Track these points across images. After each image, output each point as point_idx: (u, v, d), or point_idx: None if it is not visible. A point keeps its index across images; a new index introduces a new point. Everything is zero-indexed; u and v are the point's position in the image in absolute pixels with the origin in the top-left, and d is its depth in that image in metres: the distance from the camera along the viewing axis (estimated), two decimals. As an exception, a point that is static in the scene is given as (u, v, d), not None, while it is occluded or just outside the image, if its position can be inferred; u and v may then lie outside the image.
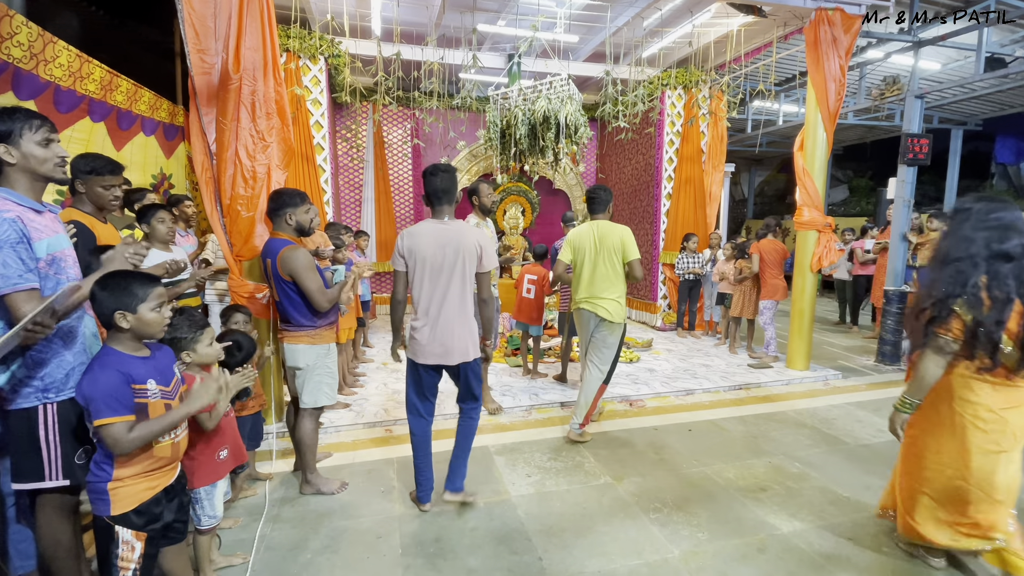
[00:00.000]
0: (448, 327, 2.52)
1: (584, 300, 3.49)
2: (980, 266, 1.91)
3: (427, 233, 2.51)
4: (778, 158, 14.98)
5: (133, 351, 1.62)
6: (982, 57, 5.49)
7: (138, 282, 1.60)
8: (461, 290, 2.54)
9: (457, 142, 7.56)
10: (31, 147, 1.66)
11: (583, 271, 3.50)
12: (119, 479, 1.57)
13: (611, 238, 3.42)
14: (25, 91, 3.16)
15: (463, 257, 2.50)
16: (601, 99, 5.74)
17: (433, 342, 2.52)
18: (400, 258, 2.55)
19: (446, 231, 2.52)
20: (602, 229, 3.45)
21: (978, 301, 1.88)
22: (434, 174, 2.57)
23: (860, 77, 7.53)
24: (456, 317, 2.53)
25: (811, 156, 4.87)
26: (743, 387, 4.74)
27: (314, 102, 5.66)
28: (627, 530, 2.56)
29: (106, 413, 1.49)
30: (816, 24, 4.59)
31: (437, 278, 2.50)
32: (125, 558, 1.59)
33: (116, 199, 2.35)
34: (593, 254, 3.45)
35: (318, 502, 2.78)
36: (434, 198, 2.58)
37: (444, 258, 2.49)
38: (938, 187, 11.06)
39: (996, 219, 1.94)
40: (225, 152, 3.07)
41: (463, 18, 5.29)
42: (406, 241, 2.53)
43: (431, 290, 2.51)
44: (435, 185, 2.56)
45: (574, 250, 3.55)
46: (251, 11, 3.03)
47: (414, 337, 2.57)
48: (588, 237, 3.48)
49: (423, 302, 2.53)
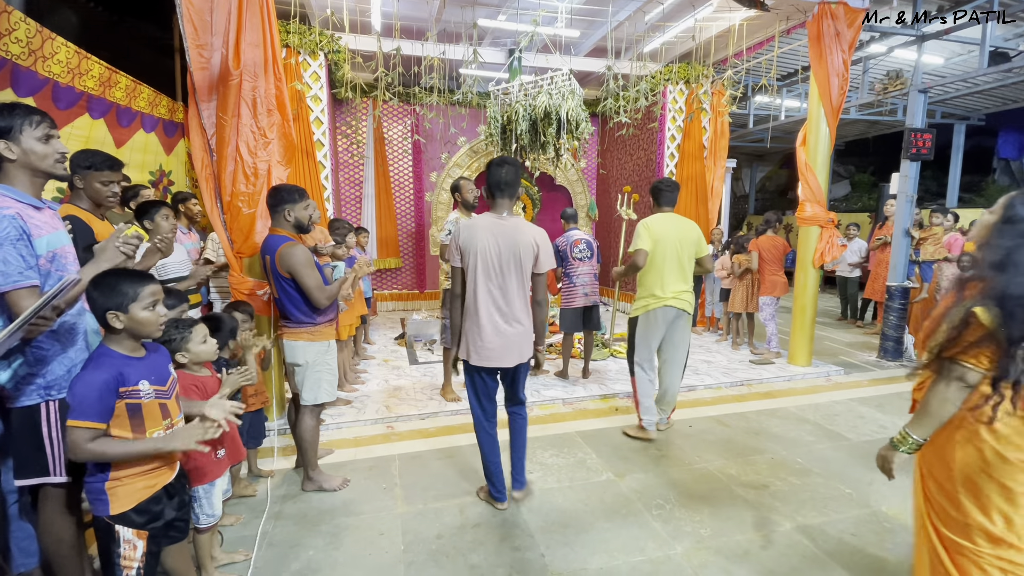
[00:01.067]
0: (507, 327, 2.46)
1: (671, 296, 3.32)
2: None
3: (485, 227, 2.43)
4: (780, 153, 14.93)
5: (129, 351, 1.59)
6: (986, 51, 5.45)
7: (129, 281, 1.56)
8: (519, 288, 2.47)
9: (458, 138, 7.54)
10: (31, 143, 1.64)
11: (665, 265, 3.31)
12: (116, 478, 1.56)
13: (692, 231, 3.38)
14: (24, 88, 3.14)
15: (520, 255, 2.43)
16: (602, 94, 5.71)
17: (492, 343, 2.45)
18: (456, 252, 2.45)
19: (504, 226, 2.44)
20: (682, 222, 3.40)
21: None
22: (500, 165, 2.47)
23: (863, 72, 7.48)
24: (514, 316, 2.47)
25: (813, 151, 4.84)
26: (745, 383, 4.73)
27: (314, 98, 5.64)
28: (629, 527, 2.56)
29: (77, 415, 1.46)
30: (819, 18, 4.56)
31: (496, 275, 2.43)
32: (128, 557, 1.58)
33: (114, 195, 2.33)
34: (676, 247, 3.32)
35: (320, 499, 2.78)
36: (496, 190, 2.48)
37: (501, 254, 2.41)
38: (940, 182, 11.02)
39: None
40: (225, 148, 3.05)
41: (463, 13, 5.26)
42: (463, 234, 2.43)
43: (490, 287, 2.43)
44: (500, 176, 2.46)
45: (655, 241, 3.30)
46: (250, 6, 3.01)
47: (474, 336, 2.47)
48: (671, 229, 3.33)
49: (482, 299, 2.44)
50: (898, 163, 5.44)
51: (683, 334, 3.45)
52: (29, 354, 1.68)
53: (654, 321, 3.39)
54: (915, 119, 5.43)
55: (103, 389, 1.49)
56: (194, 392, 2.01)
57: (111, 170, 2.29)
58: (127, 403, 1.54)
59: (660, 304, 3.34)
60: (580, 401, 4.26)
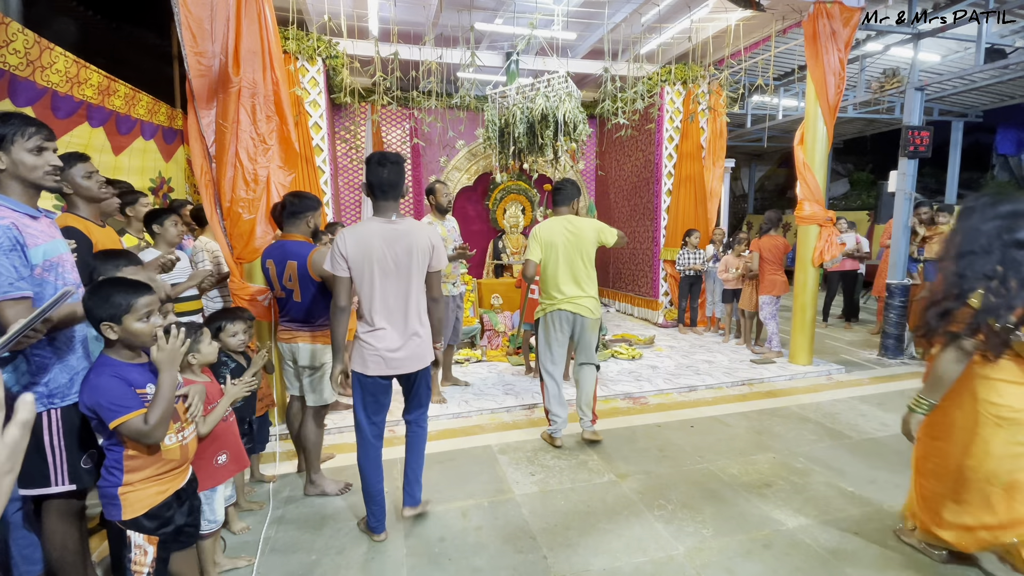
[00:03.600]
0: (405, 332, 2.34)
1: (565, 301, 3.29)
2: (994, 255, 1.88)
3: (374, 233, 2.28)
4: (778, 153, 14.94)
5: (129, 359, 1.61)
6: (982, 48, 5.46)
7: (121, 293, 1.54)
8: (417, 292, 2.38)
9: (456, 141, 7.55)
10: (21, 154, 1.65)
11: (558, 270, 3.28)
12: (129, 484, 1.58)
13: (587, 233, 3.27)
14: (22, 98, 3.15)
15: (416, 256, 2.32)
16: (600, 96, 5.73)
17: (389, 350, 2.32)
18: (341, 260, 2.25)
19: (395, 230, 2.30)
20: (575, 224, 3.29)
21: (996, 291, 1.84)
22: (382, 164, 2.30)
23: (860, 70, 7.50)
24: (413, 321, 2.36)
25: (811, 150, 4.85)
26: (746, 383, 4.73)
27: (312, 103, 5.66)
28: (632, 528, 2.56)
29: (120, 412, 1.49)
30: (815, 18, 4.57)
31: (390, 280, 2.30)
32: (138, 562, 1.60)
33: (102, 186, 2.25)
34: (569, 251, 3.26)
35: (322, 503, 2.79)
36: (379, 191, 2.32)
37: (397, 258, 2.29)
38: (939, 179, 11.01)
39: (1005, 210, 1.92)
40: (225, 155, 3.07)
41: (460, 17, 5.27)
42: (350, 242, 2.25)
43: (384, 293, 2.30)
44: (382, 177, 2.30)
45: (544, 247, 3.28)
46: (249, 13, 3.03)
47: (367, 345, 2.32)
48: (560, 233, 3.27)
49: (376, 307, 2.30)
50: (896, 161, 5.45)
51: (592, 338, 3.39)
52: (31, 363, 1.68)
53: (552, 324, 3.36)
54: (912, 117, 5.45)
55: (120, 385, 1.52)
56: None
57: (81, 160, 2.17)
58: None
59: (554, 308, 3.32)
60: (581, 402, 4.25)
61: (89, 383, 1.54)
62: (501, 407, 4.11)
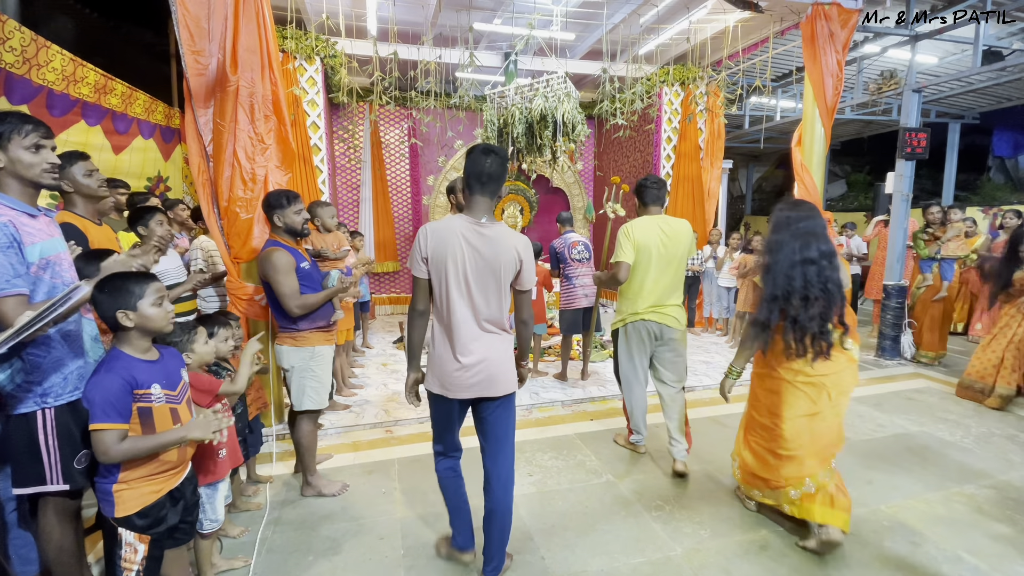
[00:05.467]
0: (474, 353, 1.99)
1: (649, 310, 2.97)
2: (796, 269, 2.27)
3: (459, 234, 1.95)
4: (776, 154, 14.98)
5: (142, 353, 1.63)
6: (979, 51, 5.49)
7: (134, 280, 1.61)
8: (496, 307, 2.01)
9: (454, 141, 7.55)
10: (18, 152, 1.64)
11: (647, 276, 2.95)
12: (124, 481, 1.58)
13: (683, 237, 2.97)
14: (17, 96, 3.14)
15: (501, 268, 1.97)
16: (598, 97, 5.74)
17: (451, 371, 1.99)
18: (420, 262, 1.97)
19: (483, 235, 1.96)
20: (671, 226, 2.97)
21: (801, 300, 2.29)
22: (486, 153, 1.97)
23: (857, 72, 7.52)
24: (486, 340, 2.01)
25: (809, 151, 4.86)
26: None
27: (311, 103, 5.65)
28: (629, 528, 2.56)
29: (101, 418, 1.50)
30: (813, 19, 4.58)
31: (468, 291, 1.97)
32: (128, 559, 1.60)
33: (102, 184, 2.25)
34: (664, 255, 2.95)
35: (319, 504, 2.78)
36: (477, 183, 1.98)
37: (478, 267, 1.95)
38: (936, 181, 11.06)
39: (802, 228, 2.29)
40: (222, 154, 3.06)
41: (459, 17, 5.27)
42: (431, 241, 1.95)
43: (457, 304, 1.97)
44: (483, 167, 1.96)
45: (638, 250, 2.93)
46: (247, 12, 3.02)
47: (433, 360, 2.04)
48: (655, 235, 2.94)
49: (446, 319, 2.00)
50: (893, 162, 5.47)
51: (679, 351, 3.09)
52: (26, 361, 1.67)
53: (638, 333, 3.06)
54: (909, 118, 5.46)
55: (119, 390, 1.53)
56: (201, 394, 2.03)
57: (82, 159, 2.18)
58: (139, 407, 1.57)
59: (638, 318, 3.02)
60: (579, 403, 4.26)
61: (97, 376, 1.56)
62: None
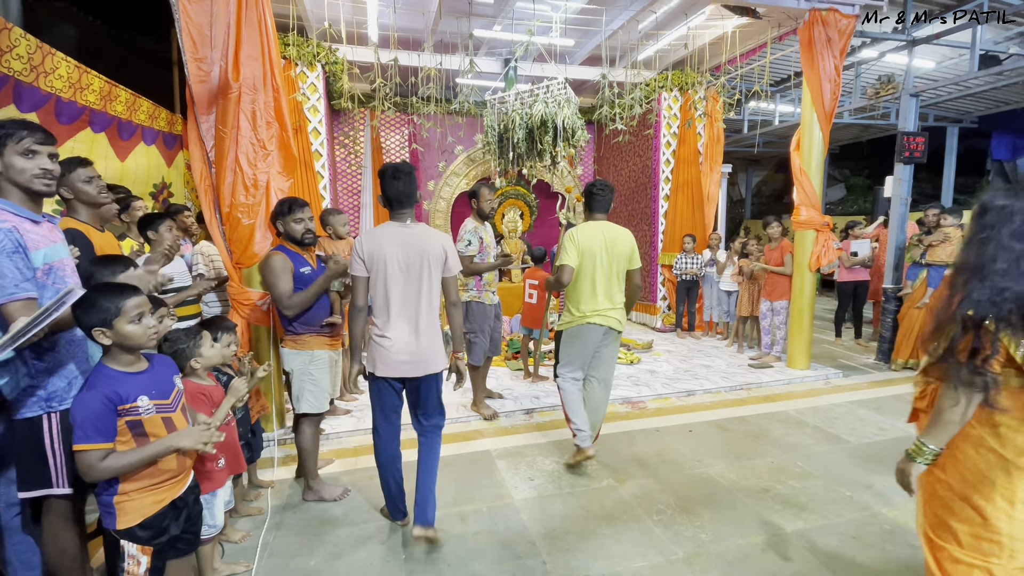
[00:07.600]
0: (414, 336, 2.37)
1: (594, 313, 3.06)
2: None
3: (390, 236, 2.37)
4: (775, 158, 15.01)
5: (127, 366, 1.57)
6: (976, 55, 5.51)
7: (109, 296, 1.51)
8: (429, 296, 2.41)
9: (455, 147, 7.58)
10: (12, 157, 1.66)
11: (593, 279, 3.06)
12: (125, 492, 1.55)
13: (623, 243, 3.11)
14: (27, 103, 3.17)
15: (429, 261, 2.38)
16: (598, 102, 5.76)
17: (396, 353, 2.36)
18: (359, 261, 2.36)
19: (410, 234, 2.38)
20: (612, 232, 3.10)
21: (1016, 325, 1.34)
22: (396, 177, 2.39)
23: (855, 76, 7.55)
24: (424, 325, 2.39)
25: (807, 156, 4.88)
26: (744, 387, 4.74)
27: (312, 109, 5.68)
28: (630, 532, 2.56)
29: (82, 439, 1.45)
30: (810, 25, 4.61)
31: (404, 283, 2.36)
32: (131, 572, 1.58)
33: (102, 191, 2.25)
34: (606, 259, 3.07)
35: (321, 509, 2.78)
36: (395, 202, 2.42)
37: (409, 262, 2.35)
38: (935, 184, 11.07)
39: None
40: (224, 160, 3.08)
41: (459, 23, 5.31)
42: (367, 243, 2.35)
43: (399, 296, 2.36)
44: (398, 190, 2.39)
45: (582, 253, 3.05)
46: (249, 19, 3.05)
47: (377, 346, 2.38)
48: (598, 240, 3.05)
49: (392, 308, 2.37)
50: (892, 166, 5.49)
51: (613, 352, 3.21)
52: (31, 366, 1.69)
53: (581, 335, 3.12)
54: (907, 123, 5.49)
55: (101, 409, 1.48)
56: (201, 401, 2.02)
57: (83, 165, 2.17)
58: (127, 420, 1.53)
59: (584, 320, 3.08)
60: (580, 407, 4.26)
61: (81, 394, 1.51)
62: (500, 412, 4.11)
